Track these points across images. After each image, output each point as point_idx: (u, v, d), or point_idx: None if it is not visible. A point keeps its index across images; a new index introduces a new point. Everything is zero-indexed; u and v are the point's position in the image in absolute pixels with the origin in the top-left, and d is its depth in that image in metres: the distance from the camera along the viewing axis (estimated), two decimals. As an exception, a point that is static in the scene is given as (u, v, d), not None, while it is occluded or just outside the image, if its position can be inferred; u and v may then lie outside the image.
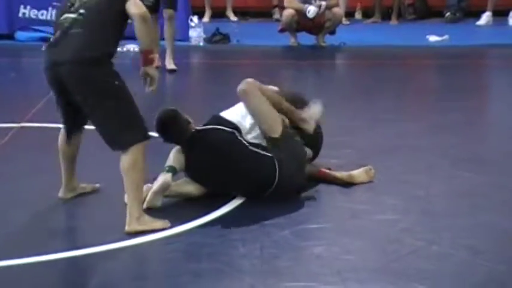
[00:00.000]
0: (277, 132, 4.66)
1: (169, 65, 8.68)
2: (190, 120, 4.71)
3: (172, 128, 4.65)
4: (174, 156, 4.65)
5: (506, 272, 3.67)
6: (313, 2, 10.56)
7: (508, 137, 6.19)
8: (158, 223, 4.21)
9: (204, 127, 4.74)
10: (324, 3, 10.53)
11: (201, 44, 11.22)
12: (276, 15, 13.48)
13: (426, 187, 4.83)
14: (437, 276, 3.60)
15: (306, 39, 11.02)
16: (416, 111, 7.26)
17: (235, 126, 4.71)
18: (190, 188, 4.64)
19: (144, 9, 4.17)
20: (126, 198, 4.29)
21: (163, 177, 4.50)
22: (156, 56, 8.55)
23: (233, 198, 4.59)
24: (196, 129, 4.70)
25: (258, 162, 4.57)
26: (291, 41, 11.03)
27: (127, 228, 4.13)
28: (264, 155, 4.60)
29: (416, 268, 3.69)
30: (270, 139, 4.67)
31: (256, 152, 4.60)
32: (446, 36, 11.44)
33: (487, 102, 8.15)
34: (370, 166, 4.95)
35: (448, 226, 4.21)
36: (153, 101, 6.76)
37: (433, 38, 11.44)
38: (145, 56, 4.27)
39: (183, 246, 3.98)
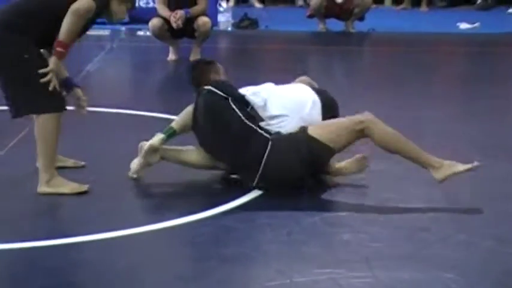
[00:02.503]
0: (317, 134, 4.40)
1: (195, 56, 8.60)
2: (220, 77, 4.78)
3: (192, 72, 4.92)
4: (182, 114, 4.69)
5: (534, 261, 3.66)
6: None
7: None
8: (68, 186, 4.39)
9: (205, 88, 4.60)
10: (353, -12, 10.52)
11: (229, 29, 11.23)
12: (300, 1, 13.48)
13: (454, 175, 4.81)
14: (464, 265, 3.59)
15: (335, 25, 10.98)
16: (444, 98, 7.22)
17: (242, 99, 4.54)
18: (189, 156, 4.65)
19: (84, 8, 4.21)
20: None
21: (152, 141, 4.59)
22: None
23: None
24: (204, 88, 4.60)
25: (248, 136, 4.44)
26: (320, 26, 11.01)
27: (38, 189, 4.39)
28: (257, 131, 4.47)
29: (443, 256, 3.68)
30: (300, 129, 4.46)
31: (249, 125, 4.47)
32: (477, 24, 11.36)
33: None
34: (364, 154, 4.69)
35: (475, 215, 4.20)
36: (181, 83, 6.78)
37: (463, 26, 11.36)
38: (55, 45, 4.29)
39: (211, 230, 4.00)
